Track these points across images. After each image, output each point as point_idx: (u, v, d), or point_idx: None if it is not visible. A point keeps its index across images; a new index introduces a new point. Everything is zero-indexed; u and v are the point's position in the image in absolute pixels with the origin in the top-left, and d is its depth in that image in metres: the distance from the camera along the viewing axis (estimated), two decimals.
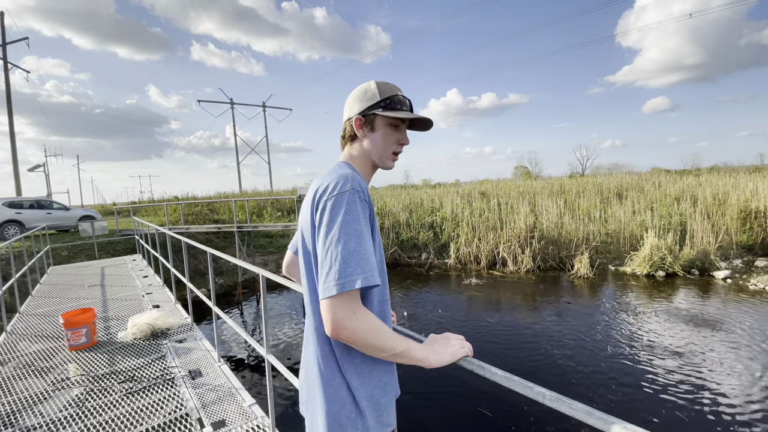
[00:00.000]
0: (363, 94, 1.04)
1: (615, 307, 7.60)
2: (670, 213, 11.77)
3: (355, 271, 0.83)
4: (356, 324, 0.83)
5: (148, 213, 20.87)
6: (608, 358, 5.49)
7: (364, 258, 0.85)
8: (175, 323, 4.17)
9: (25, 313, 5.10)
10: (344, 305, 0.83)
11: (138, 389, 2.91)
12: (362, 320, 0.84)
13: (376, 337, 0.86)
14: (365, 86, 1.06)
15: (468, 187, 19.63)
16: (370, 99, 1.02)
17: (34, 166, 22.37)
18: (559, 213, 12.30)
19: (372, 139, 1.04)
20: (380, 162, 1.07)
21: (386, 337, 0.87)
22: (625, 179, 17.99)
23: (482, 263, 11.40)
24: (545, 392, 0.74)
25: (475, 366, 0.86)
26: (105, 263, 8.87)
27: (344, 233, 0.85)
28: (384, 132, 1.03)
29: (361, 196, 0.91)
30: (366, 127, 1.04)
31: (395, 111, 1.01)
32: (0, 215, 12.03)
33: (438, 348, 0.94)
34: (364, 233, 0.87)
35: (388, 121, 1.03)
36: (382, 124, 1.03)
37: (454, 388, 4.93)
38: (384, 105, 1.01)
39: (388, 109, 1.01)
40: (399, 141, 1.06)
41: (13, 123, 18.45)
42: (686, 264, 9.52)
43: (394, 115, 1.00)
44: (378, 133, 1.04)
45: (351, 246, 0.84)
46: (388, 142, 1.04)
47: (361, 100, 1.04)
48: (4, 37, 17.27)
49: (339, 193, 0.88)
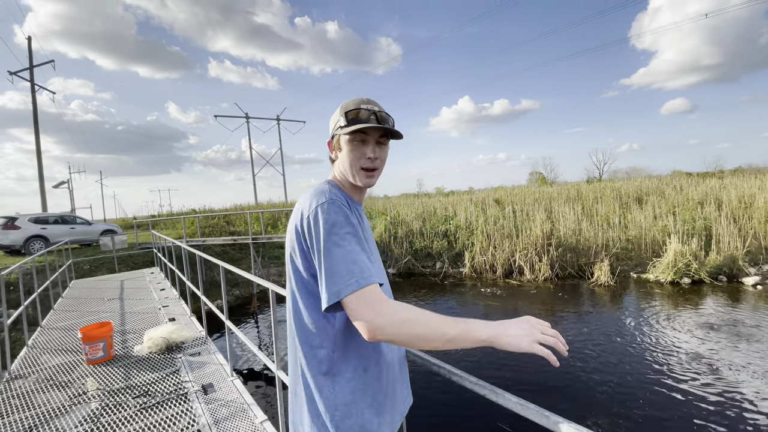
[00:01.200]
0: (333, 118, 1.09)
1: (639, 316, 7.33)
2: (694, 217, 11.39)
3: (363, 269, 0.84)
4: (382, 320, 0.79)
5: (166, 226, 21.30)
6: (634, 372, 5.27)
7: (355, 260, 0.85)
8: (189, 337, 4.19)
9: (47, 327, 5.21)
10: (362, 306, 0.81)
11: (152, 404, 2.90)
12: (387, 314, 0.80)
13: (412, 328, 0.79)
14: (337, 110, 1.10)
15: (482, 195, 19.45)
16: (334, 120, 1.07)
17: (59, 183, 23.15)
18: (577, 219, 12.04)
19: (340, 158, 1.07)
20: (354, 179, 1.06)
21: (426, 323, 0.80)
22: (645, 183, 17.54)
23: (498, 272, 11.20)
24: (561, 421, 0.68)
25: (487, 391, 0.81)
26: (124, 276, 9.03)
27: (332, 242, 0.86)
28: (347, 149, 1.04)
29: (339, 204, 0.92)
30: (336, 148, 1.09)
31: (349, 126, 1.02)
32: (26, 231, 12.42)
33: (513, 330, 0.82)
34: (354, 235, 0.88)
35: (348, 138, 1.03)
36: (344, 141, 1.05)
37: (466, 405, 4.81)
38: (343, 124, 1.03)
39: (346, 126, 1.02)
40: (365, 155, 1.03)
41: (40, 142, 19.16)
42: (713, 270, 9.16)
43: (347, 130, 1.01)
44: (343, 152, 1.06)
45: (349, 248, 0.85)
46: (353, 158, 1.04)
47: (331, 124, 1.10)
48: (31, 60, 18.05)
49: (316, 207, 0.91)
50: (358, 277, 0.82)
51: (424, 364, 1.05)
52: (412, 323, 0.79)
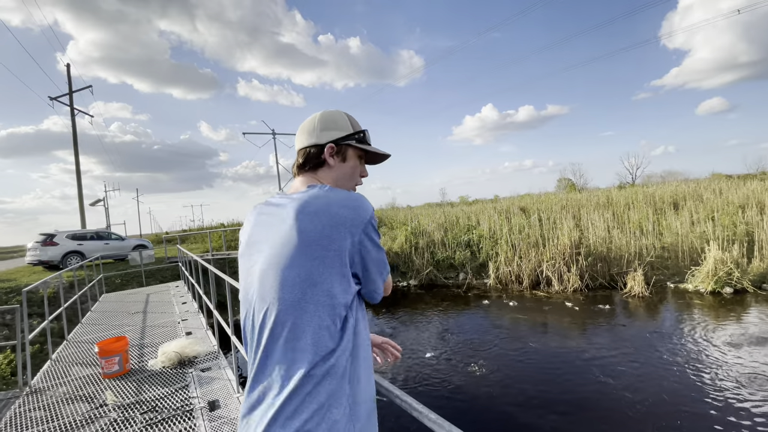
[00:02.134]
0: (333, 123, 1.02)
1: (677, 329, 6.85)
2: (734, 222, 10.66)
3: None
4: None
5: (196, 240, 21.95)
6: (672, 390, 4.88)
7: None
8: (202, 351, 4.19)
9: (72, 340, 5.37)
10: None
11: (158, 420, 2.88)
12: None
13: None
14: (332, 114, 1.04)
15: (506, 203, 19.00)
16: (342, 128, 1.02)
17: (95, 201, 24.37)
18: (607, 227, 11.51)
19: (341, 170, 1.03)
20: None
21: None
22: (681, 187, 16.66)
23: (524, 283, 10.81)
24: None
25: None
26: (151, 290, 9.29)
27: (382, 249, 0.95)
28: (354, 163, 1.04)
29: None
30: (338, 156, 1.02)
31: (367, 145, 1.05)
32: (63, 247, 13.06)
33: None
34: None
35: (358, 154, 1.05)
36: (353, 155, 1.04)
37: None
38: (357, 138, 1.03)
39: (362, 143, 1.04)
40: (361, 173, 1.07)
41: (79, 162, 20.27)
42: (757, 279, 8.49)
43: (368, 149, 1.04)
44: (349, 164, 1.03)
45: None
46: (356, 173, 1.05)
47: (331, 129, 1.02)
48: (70, 85, 19.21)
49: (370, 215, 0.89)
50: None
51: (389, 396, 0.94)
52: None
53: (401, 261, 13.02)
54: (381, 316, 9.35)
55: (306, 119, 1.07)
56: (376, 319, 9.17)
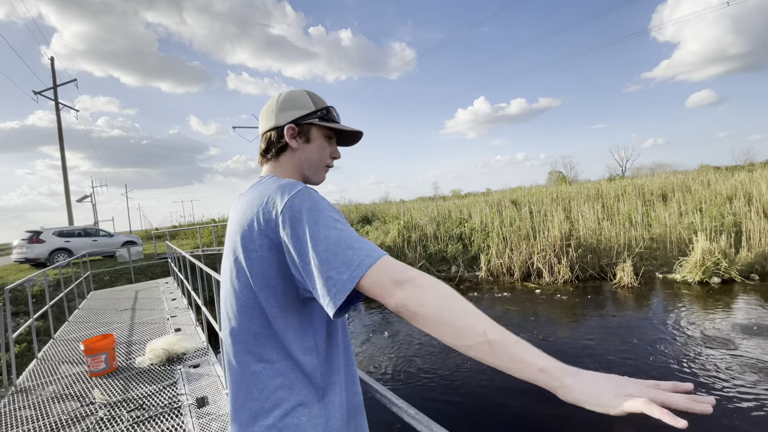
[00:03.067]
0: (292, 102, 0.94)
1: (666, 319, 6.94)
2: (722, 213, 10.81)
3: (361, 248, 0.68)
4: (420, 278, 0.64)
5: (186, 236, 21.74)
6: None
7: (358, 238, 0.70)
8: (191, 347, 4.14)
9: (59, 339, 5.28)
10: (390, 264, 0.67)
11: (145, 418, 2.84)
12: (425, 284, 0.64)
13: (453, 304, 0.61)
14: (292, 93, 0.96)
15: (498, 196, 19.08)
16: (302, 107, 0.94)
17: (82, 197, 23.99)
18: (597, 218, 11.61)
19: (306, 151, 0.95)
20: (314, 176, 0.98)
21: (467, 306, 0.61)
22: (670, 179, 16.84)
23: (516, 275, 10.88)
24: None
25: (423, 426, 0.67)
26: (140, 287, 9.18)
27: (328, 221, 0.70)
28: (320, 144, 0.96)
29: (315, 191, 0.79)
30: (300, 137, 0.94)
31: (333, 123, 0.96)
32: (50, 244, 12.84)
33: (593, 382, 0.59)
34: (342, 220, 0.74)
35: (324, 133, 0.97)
36: (318, 135, 0.96)
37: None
38: (320, 116, 0.95)
39: (326, 120, 0.95)
40: (332, 154, 0.99)
41: (65, 158, 19.90)
42: (744, 268, 8.63)
43: (334, 126, 0.95)
44: (314, 145, 0.95)
45: (345, 228, 0.71)
46: (323, 154, 0.97)
47: (290, 108, 0.94)
48: (54, 79, 18.80)
49: (295, 192, 0.75)
50: (369, 252, 0.68)
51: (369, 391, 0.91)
52: (455, 299, 0.61)
53: (394, 254, 12.96)
54: (372, 311, 9.35)
55: (266, 103, 0.99)
56: (367, 314, 9.18)
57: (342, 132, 0.99)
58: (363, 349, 6.77)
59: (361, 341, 7.19)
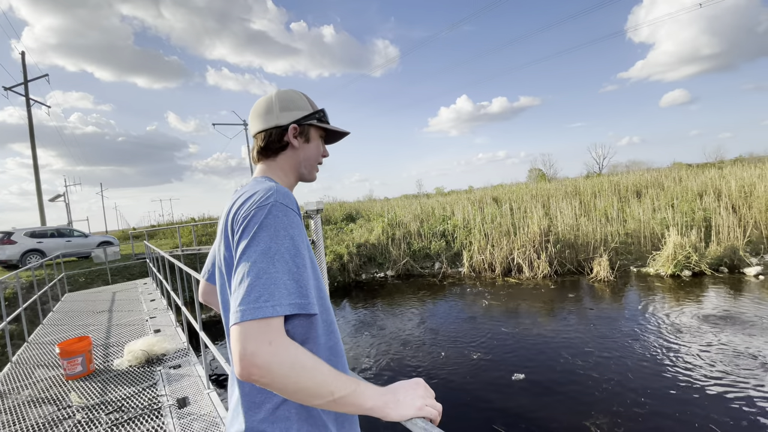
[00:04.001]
0: (292, 102, 0.97)
1: (639, 311, 7.19)
2: (693, 209, 11.22)
3: (281, 293, 0.67)
4: (272, 359, 0.63)
5: (165, 236, 21.29)
6: (635, 368, 5.13)
7: (297, 279, 0.70)
8: (171, 348, 4.10)
9: (33, 342, 5.13)
10: (258, 335, 0.64)
11: (124, 420, 2.81)
12: (282, 353, 0.64)
13: (303, 376, 0.64)
14: (290, 94, 0.99)
15: (480, 193, 19.31)
16: (302, 108, 0.98)
17: (55, 197, 23.18)
18: (575, 215, 11.90)
19: (306, 151, 1.00)
20: (309, 174, 1.03)
21: (320, 374, 0.66)
22: (644, 176, 17.36)
23: (497, 270, 11.07)
24: None
25: None
26: (117, 288, 8.97)
27: (269, 249, 0.70)
28: (317, 143, 1.02)
29: (291, 209, 0.78)
30: (301, 137, 0.99)
31: (327, 124, 1.02)
32: (22, 245, 12.40)
33: (402, 397, 0.74)
34: (298, 249, 0.73)
35: (320, 133, 1.03)
36: (315, 135, 1.02)
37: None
38: (318, 117, 1.00)
39: (322, 121, 1.01)
40: (323, 154, 1.05)
41: (37, 156, 19.20)
42: (713, 262, 9.00)
43: (330, 127, 1.02)
44: (312, 144, 1.01)
45: (278, 264, 0.69)
46: (317, 153, 1.03)
47: (291, 109, 0.97)
48: (25, 74, 18.11)
49: (260, 206, 0.75)
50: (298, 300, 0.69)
51: None
52: (306, 371, 0.66)
53: (378, 252, 13.05)
54: (358, 307, 9.38)
55: (258, 100, 1.00)
56: (353, 311, 9.20)
57: (330, 132, 1.05)
58: (350, 346, 6.79)
59: (347, 336, 7.21)
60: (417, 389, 0.77)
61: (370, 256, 13.06)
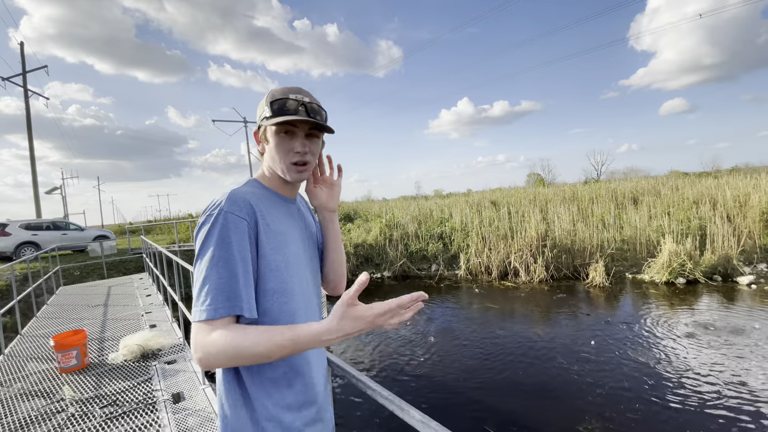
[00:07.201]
0: (260, 106, 0.97)
1: (634, 317, 7.23)
2: (689, 217, 11.30)
3: (215, 299, 0.78)
4: (208, 347, 0.76)
5: (162, 231, 21.22)
6: (629, 374, 5.16)
7: (221, 287, 0.79)
8: (167, 343, 4.09)
9: (26, 335, 5.11)
10: (195, 333, 0.79)
11: (118, 414, 2.80)
12: (215, 340, 0.76)
13: (236, 343, 0.75)
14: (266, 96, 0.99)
15: (478, 197, 19.37)
16: (260, 108, 0.97)
17: (51, 189, 23.03)
18: (572, 220, 11.95)
19: (269, 152, 0.97)
20: (283, 174, 0.96)
21: (251, 336, 0.76)
22: (641, 183, 17.47)
23: (493, 274, 11.10)
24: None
25: (395, 406, 0.72)
26: (113, 282, 8.94)
27: (206, 260, 0.81)
28: (275, 141, 0.94)
29: (233, 216, 0.83)
30: (263, 140, 0.98)
31: (276, 117, 0.91)
32: (17, 237, 12.33)
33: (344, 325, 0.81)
34: (231, 259, 0.81)
35: (275, 130, 0.93)
36: (270, 134, 0.95)
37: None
38: (270, 114, 0.92)
39: (272, 117, 0.91)
40: (293, 149, 0.94)
41: (34, 147, 19.08)
42: (707, 270, 9.06)
43: (272, 122, 0.90)
44: (272, 143, 0.95)
45: (212, 274, 0.80)
46: (281, 152, 0.94)
47: (258, 112, 0.97)
48: (24, 65, 18.01)
49: (207, 216, 0.84)
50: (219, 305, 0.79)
51: (345, 375, 0.95)
52: (237, 339, 0.76)
53: (375, 253, 13.06)
54: None
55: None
56: None
57: (311, 122, 0.94)
58: (342, 348, 6.80)
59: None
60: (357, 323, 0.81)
61: (367, 256, 13.06)
